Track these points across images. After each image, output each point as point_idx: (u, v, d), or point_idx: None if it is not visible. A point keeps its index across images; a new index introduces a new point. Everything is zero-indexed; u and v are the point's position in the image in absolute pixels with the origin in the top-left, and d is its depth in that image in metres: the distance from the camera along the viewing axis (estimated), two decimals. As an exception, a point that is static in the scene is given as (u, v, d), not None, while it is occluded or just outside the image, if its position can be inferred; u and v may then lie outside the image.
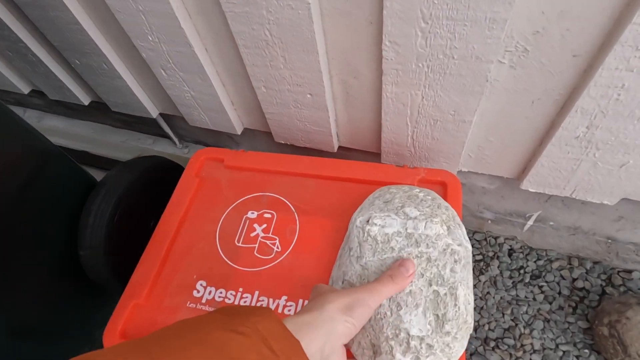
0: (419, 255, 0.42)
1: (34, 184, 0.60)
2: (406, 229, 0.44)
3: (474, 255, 0.96)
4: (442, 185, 0.59)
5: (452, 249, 0.43)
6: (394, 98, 0.60)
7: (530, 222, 0.87)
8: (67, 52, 0.84)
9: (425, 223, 0.44)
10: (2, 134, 0.56)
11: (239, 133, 0.88)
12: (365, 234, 0.46)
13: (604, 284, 0.88)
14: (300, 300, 0.52)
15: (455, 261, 0.42)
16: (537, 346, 0.82)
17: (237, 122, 0.85)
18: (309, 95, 0.67)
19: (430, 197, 0.50)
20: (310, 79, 0.63)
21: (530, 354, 0.82)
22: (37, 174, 0.61)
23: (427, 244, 0.43)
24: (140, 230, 0.77)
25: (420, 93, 0.58)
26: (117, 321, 0.52)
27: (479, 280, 0.92)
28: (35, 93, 1.19)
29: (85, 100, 1.05)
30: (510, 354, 0.82)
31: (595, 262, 0.90)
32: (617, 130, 0.51)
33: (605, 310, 0.77)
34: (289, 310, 0.51)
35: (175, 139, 1.12)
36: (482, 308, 0.89)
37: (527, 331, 0.84)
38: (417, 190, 0.51)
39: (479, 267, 0.95)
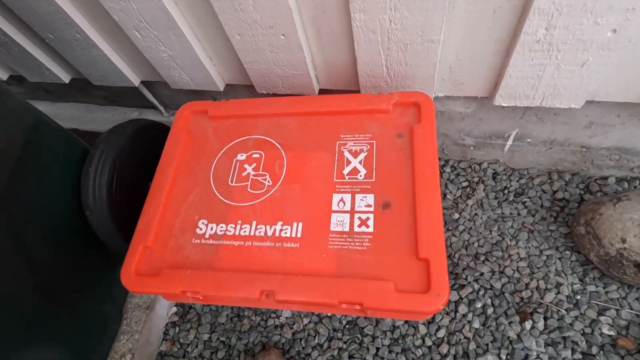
0: None
1: (30, 152, 0.63)
2: None
3: (460, 183, 1.01)
4: (416, 106, 0.62)
5: None
6: (363, 27, 0.62)
7: (509, 142, 0.91)
8: (39, 27, 0.84)
9: None
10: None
11: (222, 89, 0.90)
12: None
13: (582, 192, 0.93)
14: (295, 223, 0.57)
15: None
16: (522, 254, 0.89)
17: (217, 78, 0.87)
18: (282, 37, 0.68)
19: None
20: (281, 18, 0.64)
21: (517, 262, 0.88)
22: (32, 141, 0.64)
23: None
24: (139, 191, 0.81)
25: (388, 17, 0.59)
26: (131, 262, 0.57)
27: (467, 205, 0.98)
28: (14, 79, 1.19)
29: (65, 78, 1.06)
30: (499, 264, 0.89)
31: (573, 174, 0.95)
32: (574, 27, 0.53)
33: (582, 211, 0.82)
34: (285, 233, 0.56)
35: (161, 108, 1.13)
36: (470, 228, 0.95)
37: (513, 243, 0.91)
38: None
39: (466, 192, 1.00)
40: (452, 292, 0.87)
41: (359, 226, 0.55)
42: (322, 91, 0.84)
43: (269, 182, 0.62)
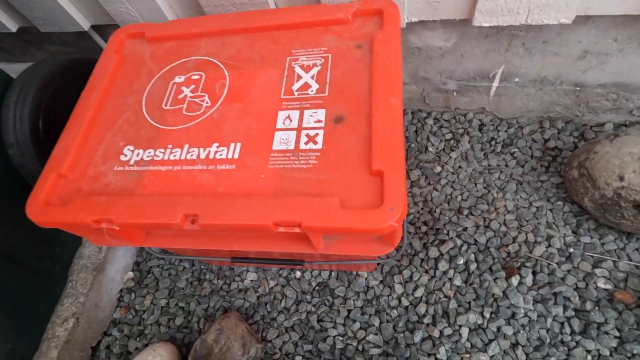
0: None
1: None
2: None
3: (444, 135, 0.92)
4: (379, 14, 0.54)
5: None
6: None
7: (495, 84, 0.82)
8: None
9: None
10: None
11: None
12: None
13: (576, 140, 0.85)
14: (232, 144, 0.48)
15: None
16: (510, 207, 0.80)
17: (168, 11, 0.78)
18: (226, -56, 0.59)
19: None
20: None
21: (504, 215, 0.80)
22: None
23: None
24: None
25: None
26: (40, 192, 0.49)
27: (450, 157, 0.89)
28: (-38, 34, 1.10)
29: (12, 26, 0.96)
30: (484, 218, 0.80)
31: (567, 122, 0.87)
32: None
33: (575, 154, 0.74)
34: (221, 155, 0.48)
35: (119, 60, 1.04)
36: (453, 182, 0.86)
37: (499, 195, 0.82)
38: None
39: (449, 145, 0.91)
40: (432, 249, 0.79)
41: (306, 143, 0.46)
42: (285, 24, 0.75)
43: (207, 103, 0.53)
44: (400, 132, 0.42)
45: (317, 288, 0.81)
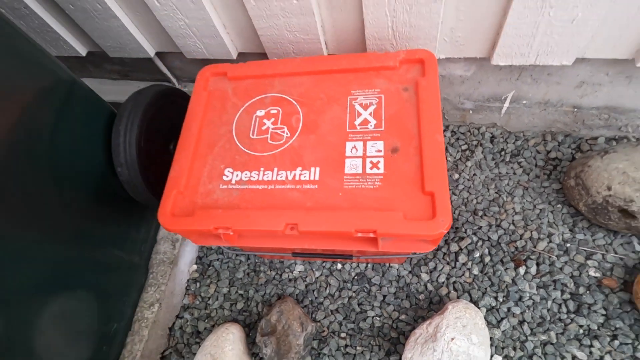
0: None
1: (64, 111, 0.69)
2: None
3: (460, 146, 1.07)
4: (420, 62, 0.68)
5: None
6: (371, -11, 0.67)
7: (506, 104, 0.97)
8: (60, -2, 0.88)
9: None
10: (33, 66, 0.63)
11: (235, 58, 0.95)
12: None
13: (574, 152, 1.00)
14: (312, 168, 0.63)
15: None
16: (517, 209, 0.96)
17: (231, 46, 0.92)
18: (294, 1, 0.73)
19: None
20: (294, -17, 0.69)
21: (513, 216, 0.95)
22: (65, 101, 0.69)
23: None
24: (160, 149, 0.87)
25: (394, -21, 0.64)
26: (166, 205, 0.64)
27: (466, 166, 1.04)
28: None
29: (82, 51, 1.10)
30: (496, 218, 0.96)
31: (566, 135, 1.02)
32: (564, -16, 0.59)
33: (572, 166, 0.89)
34: (304, 177, 0.63)
35: (174, 80, 1.18)
36: (469, 187, 1.02)
37: (509, 199, 0.98)
38: None
39: (465, 155, 1.06)
40: (453, 244, 0.95)
41: (371, 168, 0.61)
42: (331, 57, 0.89)
43: (287, 134, 0.68)
44: (444, 163, 0.57)
45: (356, 277, 0.97)
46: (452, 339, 0.74)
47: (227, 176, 0.66)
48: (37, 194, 0.64)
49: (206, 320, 0.98)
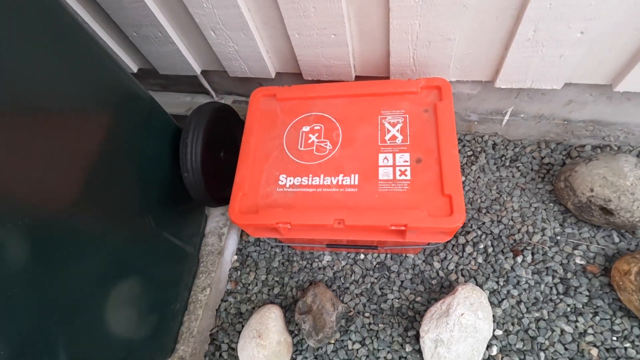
0: None
1: (144, 125, 0.84)
2: None
3: (466, 152, 1.23)
4: (437, 89, 0.84)
5: None
6: (398, 29, 0.82)
7: (506, 117, 1.12)
8: (126, 27, 1.03)
9: None
10: (119, 83, 0.78)
11: (273, 77, 1.10)
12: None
13: (564, 158, 1.16)
14: (352, 175, 0.79)
15: None
16: (516, 207, 1.12)
17: (271, 67, 1.07)
18: (332, 36, 0.89)
19: None
20: (334, 22, 0.85)
21: (512, 213, 1.11)
22: (147, 116, 0.84)
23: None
24: (215, 159, 1.02)
25: (417, 22, 0.80)
26: (234, 204, 0.79)
27: (471, 169, 1.20)
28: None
29: (134, 67, 1.25)
30: (497, 215, 1.12)
31: (557, 143, 1.18)
32: (553, 30, 0.74)
33: (562, 171, 1.05)
34: (346, 182, 0.78)
35: (213, 93, 1.33)
36: (474, 188, 1.17)
37: (508, 198, 1.14)
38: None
39: (471, 160, 1.22)
40: (460, 237, 1.11)
41: (400, 175, 0.77)
42: (357, 77, 1.05)
43: (329, 146, 0.83)
44: (459, 171, 0.73)
45: (377, 266, 1.13)
46: (462, 314, 0.90)
47: (282, 181, 0.81)
48: (124, 195, 0.79)
49: (247, 303, 1.14)
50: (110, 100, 0.75)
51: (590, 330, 0.94)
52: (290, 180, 0.81)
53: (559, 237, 1.06)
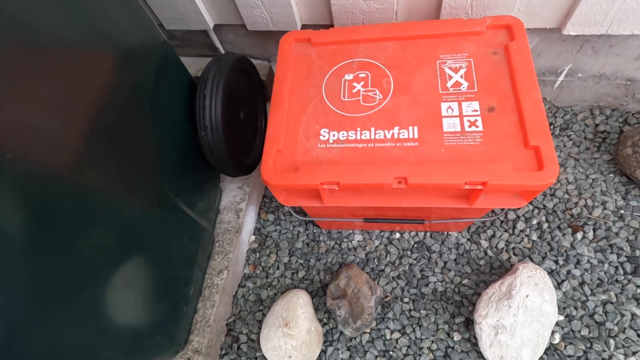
0: None
1: (160, 72, 0.70)
2: None
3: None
4: (507, 28, 0.70)
5: None
6: (461, -45, 0.69)
7: (561, 78, 1.00)
8: (129, -35, 0.88)
9: None
10: (140, 24, 0.64)
11: (299, 29, 0.96)
12: None
13: (621, 125, 1.04)
14: (410, 127, 0.65)
15: None
16: (570, 179, 1.00)
17: (297, 17, 0.93)
18: (379, -32, 0.75)
19: None
20: (383, -52, 0.71)
21: (566, 185, 0.99)
22: (162, 62, 0.70)
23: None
24: (236, 120, 0.88)
25: (487, -56, 0.66)
26: (268, 162, 0.65)
27: (517, 139, 1.08)
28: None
29: (135, 23, 1.09)
30: (550, 187, 0.99)
31: (613, 109, 1.06)
32: (657, -50, 0.62)
33: (628, 135, 0.93)
34: (403, 135, 0.65)
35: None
36: (522, 159, 1.05)
37: (561, 169, 1.01)
38: None
39: (515, 129, 1.09)
40: (510, 212, 0.98)
41: (469, 127, 0.63)
42: (397, 28, 0.91)
43: (379, 96, 0.70)
44: (545, 118, 0.60)
45: (415, 245, 1.00)
46: (527, 295, 0.77)
47: (324, 136, 0.67)
48: (136, 153, 0.64)
49: (268, 289, 1.00)
50: (122, 40, 0.61)
51: (664, 315, 0.83)
52: (334, 135, 0.67)
53: (622, 211, 0.94)
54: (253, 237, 1.07)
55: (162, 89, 0.71)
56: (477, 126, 0.63)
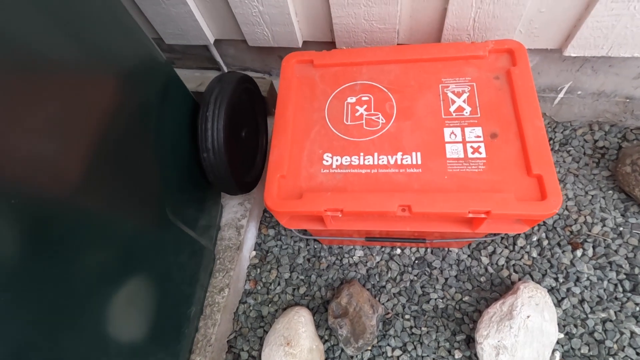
0: None
1: (161, 94, 0.69)
2: None
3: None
4: (509, 52, 0.71)
5: None
6: (463, -21, 0.69)
7: (560, 95, 1.01)
8: (130, -17, 0.87)
9: None
10: (138, 45, 0.64)
11: (300, 46, 0.96)
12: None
13: (620, 141, 1.05)
14: (413, 153, 0.65)
15: None
16: (570, 195, 1.01)
17: (299, 34, 0.93)
18: (381, -10, 0.75)
19: None
20: (386, -28, 0.71)
21: (566, 202, 1.00)
22: (163, 84, 0.70)
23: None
24: (237, 139, 0.88)
25: (489, -30, 0.67)
26: (271, 189, 0.65)
27: (516, 154, 1.08)
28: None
29: (135, 37, 1.09)
30: (550, 204, 1.00)
31: (612, 125, 1.07)
32: (658, -21, 0.62)
33: (627, 154, 0.94)
34: (406, 161, 0.65)
35: (225, 68, 1.18)
36: (521, 175, 1.05)
37: (561, 185, 1.02)
38: None
39: (515, 144, 1.10)
40: (510, 229, 0.99)
41: (472, 153, 0.64)
42: (398, 46, 0.91)
43: (382, 120, 0.70)
44: (548, 146, 0.61)
45: (416, 262, 1.00)
46: (528, 316, 0.78)
47: (327, 161, 0.67)
48: (137, 176, 0.64)
49: (269, 305, 1.00)
50: (124, 63, 0.61)
51: (663, 333, 0.84)
52: (337, 160, 0.67)
53: (621, 228, 0.95)
54: (254, 253, 1.07)
55: (164, 111, 0.71)
56: (480, 153, 0.63)
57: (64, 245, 0.50)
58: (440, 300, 0.95)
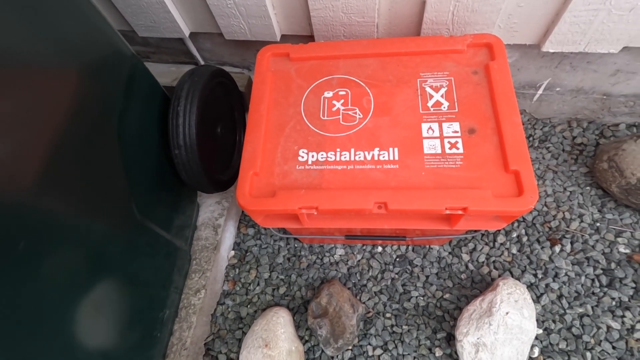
0: None
1: (128, 89, 0.66)
2: None
3: (490, 132, 1.11)
4: (487, 47, 0.70)
5: None
6: (441, -28, 0.68)
7: (540, 92, 1.01)
8: (97, -29, 0.83)
9: None
10: (103, 38, 0.60)
11: (278, 40, 0.93)
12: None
13: (597, 137, 1.06)
14: (390, 149, 0.64)
15: None
16: (549, 192, 1.01)
17: (276, 27, 0.90)
18: (359, -18, 0.73)
19: None
20: (363, -37, 0.69)
21: (545, 198, 1.00)
22: (130, 78, 0.66)
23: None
24: (211, 135, 0.85)
25: (467, -38, 0.65)
26: (244, 186, 0.63)
27: (497, 151, 1.08)
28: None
29: (106, 29, 1.04)
30: (529, 200, 1.00)
31: (590, 122, 1.07)
32: (633, -27, 0.62)
33: (604, 150, 0.94)
34: (383, 157, 0.63)
35: (202, 62, 1.14)
36: (502, 171, 1.05)
37: (540, 182, 1.02)
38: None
39: (495, 140, 1.10)
40: (490, 226, 0.99)
41: (450, 149, 0.62)
42: (378, 41, 0.89)
43: (359, 115, 0.68)
44: (525, 143, 0.60)
45: (397, 259, 0.99)
46: (507, 313, 0.77)
47: (303, 157, 0.65)
48: (102, 176, 0.61)
49: (248, 306, 0.98)
50: (84, 56, 0.57)
51: (638, 326, 0.84)
52: (312, 156, 0.65)
53: (599, 224, 0.95)
54: (232, 253, 1.04)
55: (131, 106, 0.67)
56: (457, 148, 0.62)
57: (26, 249, 0.46)
58: (422, 298, 0.94)
